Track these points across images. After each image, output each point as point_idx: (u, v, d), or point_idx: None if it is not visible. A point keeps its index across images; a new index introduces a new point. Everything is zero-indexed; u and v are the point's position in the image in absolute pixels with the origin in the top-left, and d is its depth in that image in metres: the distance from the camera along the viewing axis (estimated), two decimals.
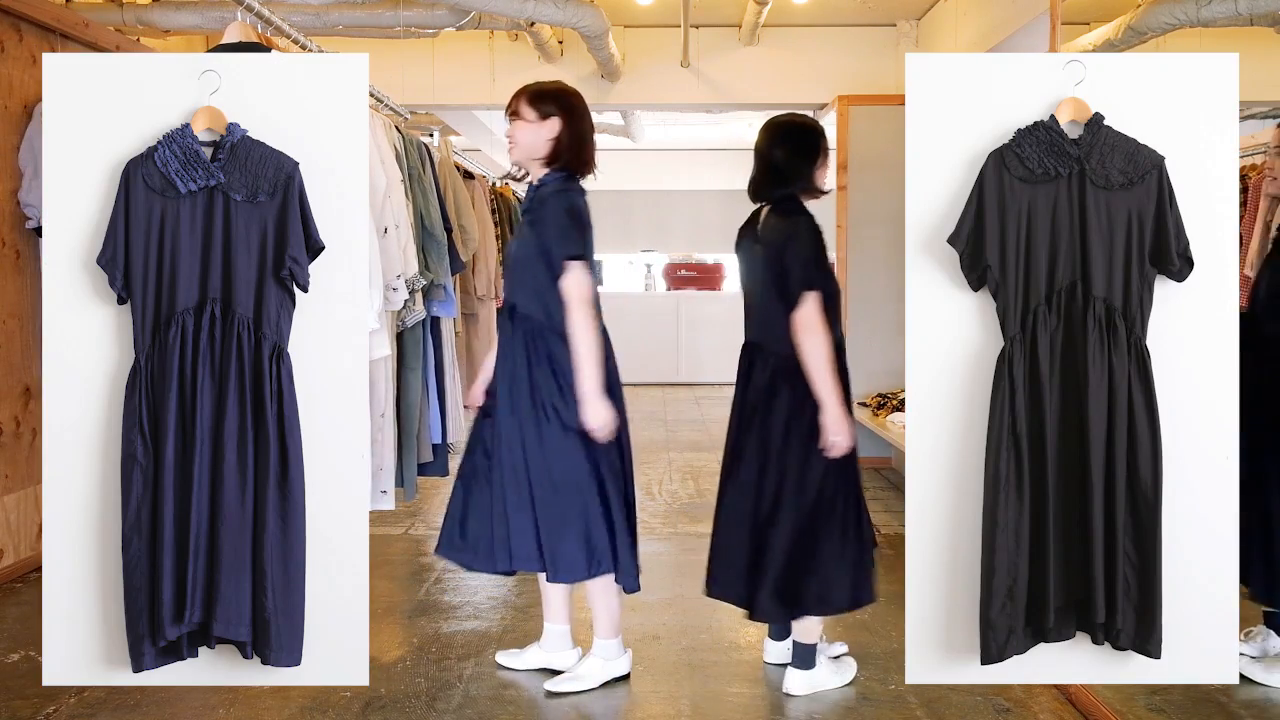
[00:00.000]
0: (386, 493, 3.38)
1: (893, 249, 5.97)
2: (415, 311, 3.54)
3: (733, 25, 7.00)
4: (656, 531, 4.61)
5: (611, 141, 11.99)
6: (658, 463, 6.23)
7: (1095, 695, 2.61)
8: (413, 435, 3.61)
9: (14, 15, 3.78)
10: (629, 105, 7.55)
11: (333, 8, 5.60)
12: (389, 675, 2.89)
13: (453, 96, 7.13)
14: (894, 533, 4.51)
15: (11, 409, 3.78)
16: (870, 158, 6.14)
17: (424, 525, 4.71)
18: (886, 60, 7.01)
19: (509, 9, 5.47)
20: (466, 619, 3.38)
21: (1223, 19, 3.36)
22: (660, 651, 3.11)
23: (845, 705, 2.73)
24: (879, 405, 5.67)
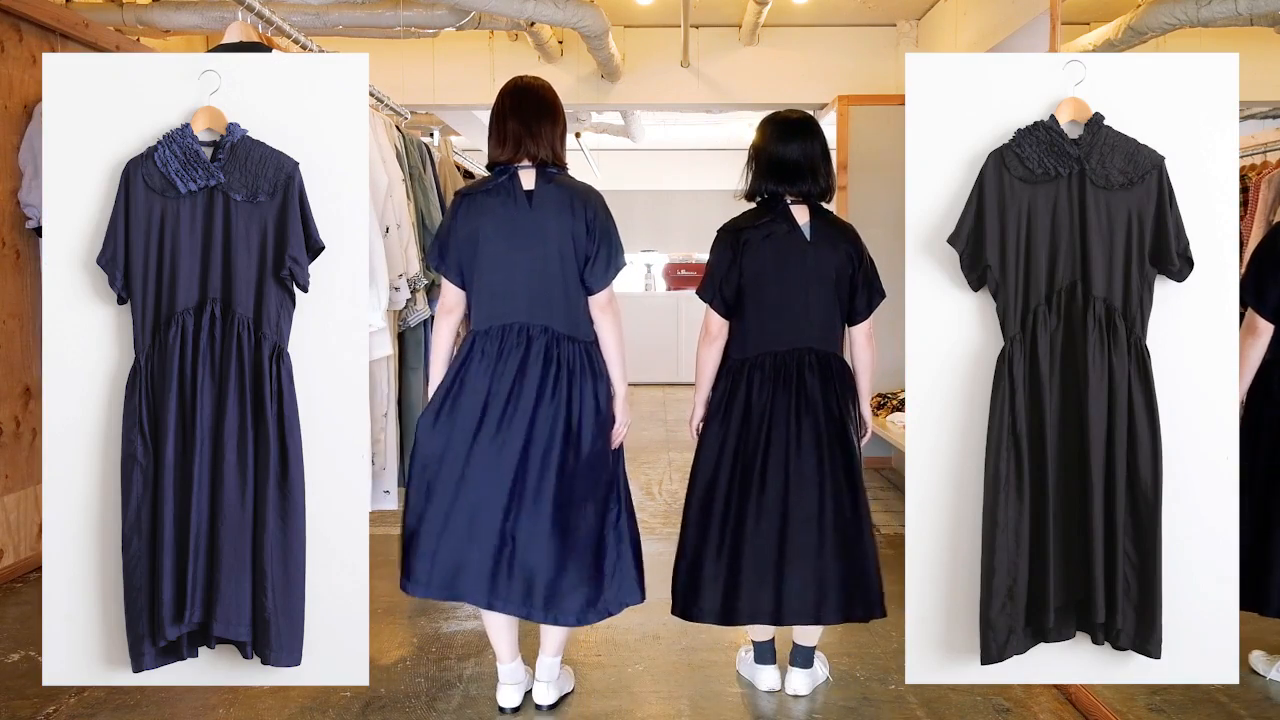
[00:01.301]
0: (390, 492, 3.38)
1: (893, 249, 5.96)
2: (418, 311, 3.54)
3: (733, 25, 7.01)
4: (656, 531, 4.61)
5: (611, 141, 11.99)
6: (658, 463, 6.23)
7: (1095, 695, 2.61)
8: (413, 435, 3.61)
9: (14, 15, 3.79)
10: (629, 105, 7.55)
11: (333, 8, 5.60)
12: (389, 675, 2.89)
13: (453, 96, 7.13)
14: (894, 533, 4.51)
15: (11, 409, 3.78)
16: (870, 158, 6.14)
17: None
18: (886, 60, 7.02)
19: (509, 9, 5.47)
20: (466, 619, 3.38)
21: (1223, 19, 3.36)
22: (660, 651, 3.11)
23: (845, 705, 2.73)
24: (879, 405, 5.67)
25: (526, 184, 2.55)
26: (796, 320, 2.68)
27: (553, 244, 2.54)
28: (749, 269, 2.68)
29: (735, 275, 2.69)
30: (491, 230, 2.54)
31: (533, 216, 2.53)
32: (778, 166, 2.68)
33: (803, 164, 2.67)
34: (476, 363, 2.55)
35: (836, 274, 2.68)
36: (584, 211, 2.56)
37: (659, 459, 6.29)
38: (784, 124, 2.72)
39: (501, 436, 2.52)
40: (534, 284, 2.55)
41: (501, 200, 2.54)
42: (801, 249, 2.67)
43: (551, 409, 2.53)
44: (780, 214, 2.68)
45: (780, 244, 2.67)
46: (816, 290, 2.68)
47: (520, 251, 2.53)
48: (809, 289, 2.68)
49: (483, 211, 2.54)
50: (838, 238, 2.71)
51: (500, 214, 2.54)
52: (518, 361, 2.53)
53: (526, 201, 2.54)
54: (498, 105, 2.60)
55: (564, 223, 2.54)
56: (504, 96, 2.61)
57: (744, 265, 2.68)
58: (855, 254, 2.71)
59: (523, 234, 2.53)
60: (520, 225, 2.54)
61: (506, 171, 2.56)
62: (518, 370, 2.53)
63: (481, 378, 2.54)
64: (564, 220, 2.54)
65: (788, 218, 2.69)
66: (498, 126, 2.58)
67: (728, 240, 2.72)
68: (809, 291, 2.68)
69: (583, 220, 2.55)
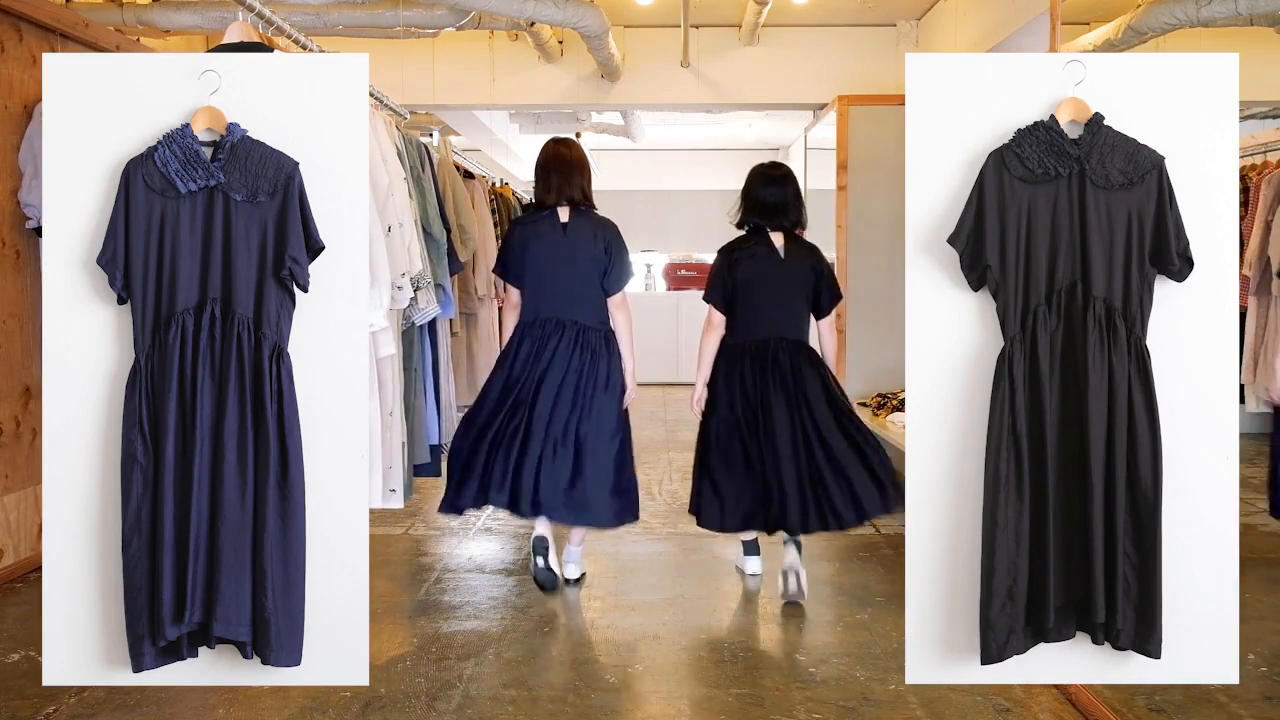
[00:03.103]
0: (395, 491, 3.37)
1: (893, 249, 5.97)
2: (423, 310, 3.54)
3: (733, 25, 7.01)
4: (656, 531, 4.61)
5: (611, 141, 11.99)
6: (658, 463, 6.23)
7: (1095, 695, 2.61)
8: (412, 435, 3.61)
9: (14, 15, 3.79)
10: (629, 105, 7.56)
11: (333, 8, 5.60)
12: (389, 675, 2.89)
13: (453, 96, 7.13)
14: (894, 533, 4.51)
15: (11, 409, 3.78)
16: (870, 158, 6.14)
17: (424, 525, 4.70)
18: (886, 60, 7.02)
19: (509, 9, 5.48)
20: (466, 619, 3.38)
21: (1223, 19, 3.36)
22: (660, 651, 3.11)
23: (845, 705, 2.73)
24: (879, 405, 5.66)
25: (563, 218, 3.61)
26: (774, 317, 3.59)
27: (581, 261, 3.57)
28: (739, 279, 3.60)
29: (729, 283, 3.61)
30: (538, 250, 3.58)
31: (567, 241, 3.58)
32: (760, 206, 3.62)
33: (779, 205, 3.61)
34: (526, 344, 3.57)
35: (803, 283, 3.60)
36: (603, 237, 3.61)
37: (659, 459, 6.29)
38: (766, 175, 3.65)
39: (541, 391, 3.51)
40: (567, 289, 3.57)
41: (546, 229, 3.59)
42: (778, 265, 3.59)
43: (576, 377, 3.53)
44: (762, 240, 3.61)
45: (762, 262, 3.60)
46: (789, 295, 3.59)
47: (558, 266, 3.56)
48: (783, 294, 3.59)
49: (533, 237, 3.60)
50: (805, 257, 3.63)
51: (545, 239, 3.58)
52: (554, 343, 3.54)
53: (563, 231, 3.59)
54: (541, 160, 3.64)
55: (589, 246, 3.58)
56: (545, 156, 3.64)
57: (735, 276, 3.60)
58: (818, 268, 3.63)
59: (560, 253, 3.57)
60: (558, 247, 3.57)
61: (550, 209, 3.61)
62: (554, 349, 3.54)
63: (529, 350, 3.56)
64: (589, 244, 3.58)
65: (767, 242, 3.61)
66: (542, 178, 3.63)
67: (723, 258, 3.65)
68: (783, 296, 3.59)
69: (602, 244, 3.59)
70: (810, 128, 7.45)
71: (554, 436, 3.47)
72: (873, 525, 4.69)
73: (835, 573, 3.96)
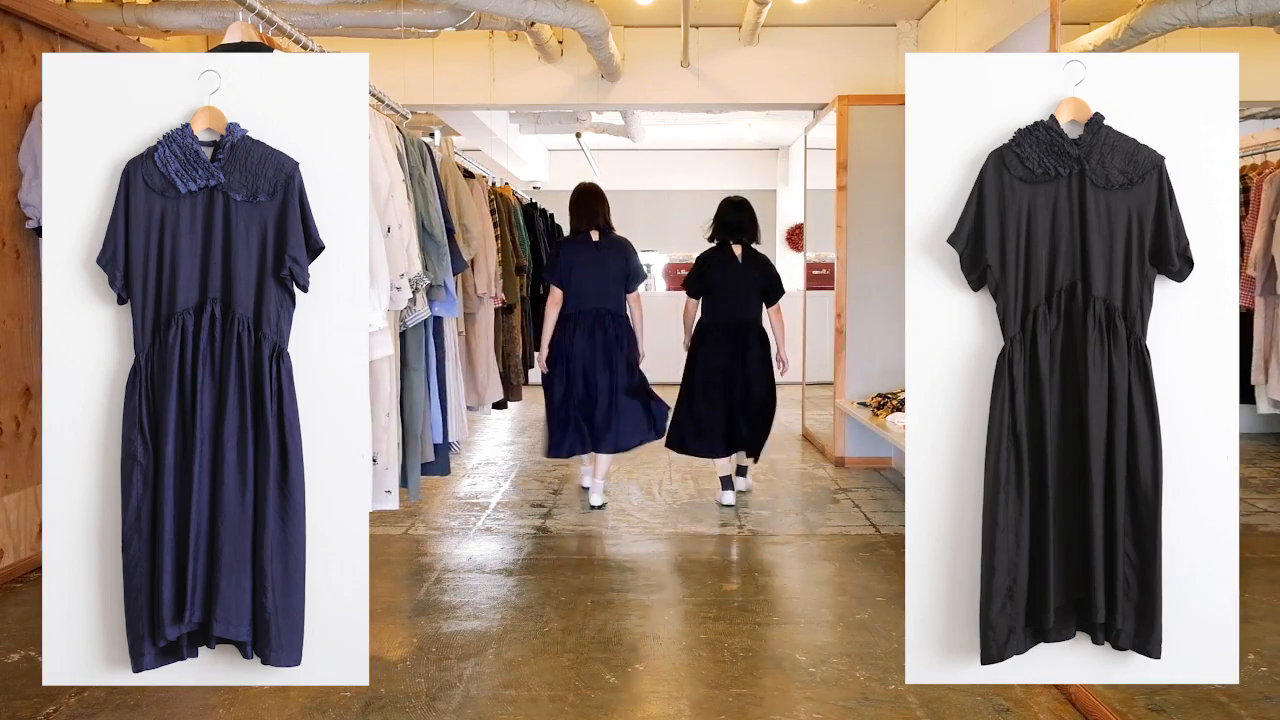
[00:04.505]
0: (391, 492, 3.37)
1: (893, 249, 5.98)
2: (416, 312, 3.54)
3: (733, 25, 7.01)
4: (656, 531, 4.62)
5: (611, 141, 11.99)
6: (658, 463, 6.24)
7: (1095, 695, 2.61)
8: (416, 435, 3.61)
9: (14, 15, 3.79)
10: (629, 105, 7.56)
11: (333, 8, 5.60)
12: (389, 675, 2.89)
13: (453, 96, 7.14)
14: (894, 533, 4.51)
15: (11, 409, 3.78)
16: (870, 158, 6.15)
17: (424, 525, 4.71)
18: (886, 60, 7.02)
19: (509, 9, 5.48)
20: (466, 619, 3.38)
21: (1223, 19, 3.36)
22: (660, 651, 3.11)
23: (845, 705, 2.73)
24: (879, 405, 5.67)
25: (594, 238, 5.08)
26: (734, 306, 5.15)
27: (609, 268, 5.06)
28: (709, 279, 5.17)
29: (702, 281, 5.19)
30: (578, 261, 5.04)
31: (599, 254, 5.07)
32: (725, 225, 5.20)
33: (739, 225, 5.17)
34: (570, 331, 5.03)
35: (756, 282, 5.16)
36: (624, 252, 5.12)
37: (659, 459, 6.29)
38: (730, 202, 5.23)
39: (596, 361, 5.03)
40: (600, 288, 5.05)
41: (582, 247, 5.06)
42: (738, 270, 5.14)
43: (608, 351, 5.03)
44: (727, 250, 5.18)
45: (726, 267, 5.16)
46: (746, 290, 5.16)
47: (593, 272, 5.04)
48: (742, 289, 5.16)
49: (575, 253, 5.06)
50: (758, 264, 5.19)
51: (583, 254, 5.05)
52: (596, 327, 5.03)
53: (595, 248, 5.07)
54: (574, 198, 5.15)
55: (614, 258, 5.08)
56: (577, 195, 5.15)
57: (707, 277, 5.17)
58: (767, 271, 5.20)
59: (594, 263, 5.05)
60: (592, 258, 5.06)
61: (584, 233, 5.07)
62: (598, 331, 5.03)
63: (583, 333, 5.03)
64: (614, 257, 5.08)
65: (730, 252, 5.17)
66: (577, 210, 5.11)
67: (699, 263, 5.25)
68: (742, 290, 5.16)
69: (623, 257, 5.11)
70: (810, 128, 7.45)
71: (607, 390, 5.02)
72: (873, 525, 4.70)
73: (835, 573, 3.96)
